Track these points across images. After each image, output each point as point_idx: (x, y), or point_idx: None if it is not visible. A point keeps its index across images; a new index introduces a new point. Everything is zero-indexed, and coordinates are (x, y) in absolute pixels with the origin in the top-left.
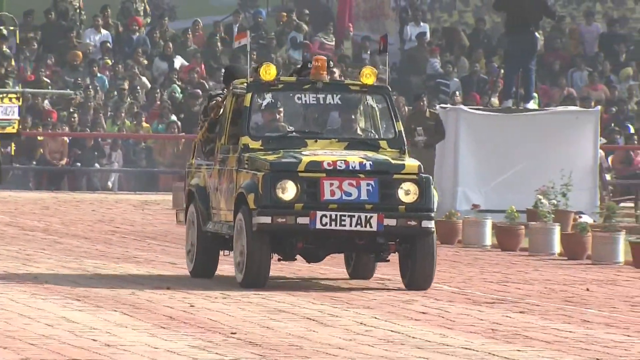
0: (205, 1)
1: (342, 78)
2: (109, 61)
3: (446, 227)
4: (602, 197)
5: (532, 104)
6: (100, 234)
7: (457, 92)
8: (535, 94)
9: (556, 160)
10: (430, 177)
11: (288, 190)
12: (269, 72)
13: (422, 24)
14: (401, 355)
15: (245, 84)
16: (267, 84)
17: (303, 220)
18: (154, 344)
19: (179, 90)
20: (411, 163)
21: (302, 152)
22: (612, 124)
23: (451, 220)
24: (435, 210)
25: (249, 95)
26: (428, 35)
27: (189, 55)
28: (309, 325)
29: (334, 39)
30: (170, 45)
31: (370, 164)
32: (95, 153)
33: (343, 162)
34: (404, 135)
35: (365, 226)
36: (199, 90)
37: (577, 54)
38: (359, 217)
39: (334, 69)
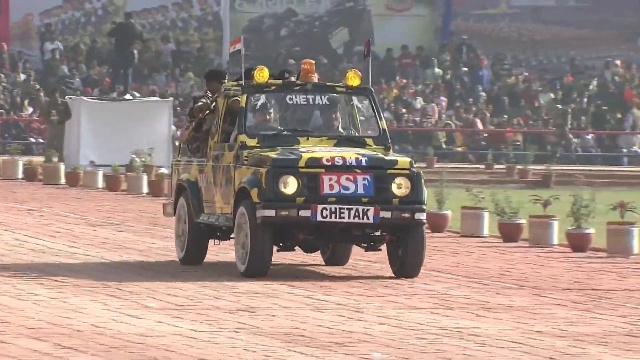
0: None
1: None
2: None
3: None
4: (175, 156)
5: (128, 96)
6: None
7: (79, 88)
8: (134, 92)
9: (144, 132)
10: (421, 172)
11: (290, 185)
12: (262, 74)
13: (55, 42)
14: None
15: (240, 86)
16: (260, 86)
17: (305, 213)
18: None
19: None
20: (403, 159)
21: (299, 149)
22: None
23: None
24: (425, 203)
25: (244, 96)
26: (59, 49)
27: None
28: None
29: None
30: None
31: (365, 160)
32: None
33: (340, 158)
34: (387, 133)
35: (363, 218)
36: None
37: (154, 65)
38: (357, 209)
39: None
